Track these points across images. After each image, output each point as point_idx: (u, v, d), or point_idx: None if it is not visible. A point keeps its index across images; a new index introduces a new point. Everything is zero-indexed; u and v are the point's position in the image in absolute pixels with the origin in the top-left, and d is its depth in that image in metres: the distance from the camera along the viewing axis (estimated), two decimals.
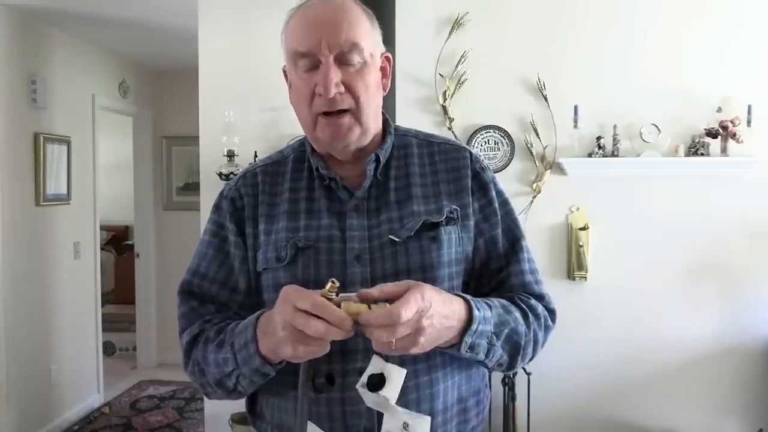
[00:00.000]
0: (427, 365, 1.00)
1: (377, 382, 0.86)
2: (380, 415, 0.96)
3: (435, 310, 0.86)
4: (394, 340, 0.83)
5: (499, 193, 1.12)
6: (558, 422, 2.90)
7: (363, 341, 0.91)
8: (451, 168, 1.10)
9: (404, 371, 0.87)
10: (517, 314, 1.02)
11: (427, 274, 1.00)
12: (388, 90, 1.10)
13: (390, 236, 1.01)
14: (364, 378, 0.87)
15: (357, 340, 0.85)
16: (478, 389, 1.09)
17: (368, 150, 1.07)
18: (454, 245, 1.04)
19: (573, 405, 2.90)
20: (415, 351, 0.86)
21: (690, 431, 2.85)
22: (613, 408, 2.89)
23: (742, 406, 2.84)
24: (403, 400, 0.97)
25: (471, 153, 1.13)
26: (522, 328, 1.01)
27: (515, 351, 1.01)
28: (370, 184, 1.06)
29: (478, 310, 0.93)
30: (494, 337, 0.96)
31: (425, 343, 0.86)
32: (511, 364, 1.03)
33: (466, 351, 0.93)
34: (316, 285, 0.97)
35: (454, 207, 1.05)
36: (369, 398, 0.87)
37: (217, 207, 1.13)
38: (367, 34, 1.02)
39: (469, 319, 0.91)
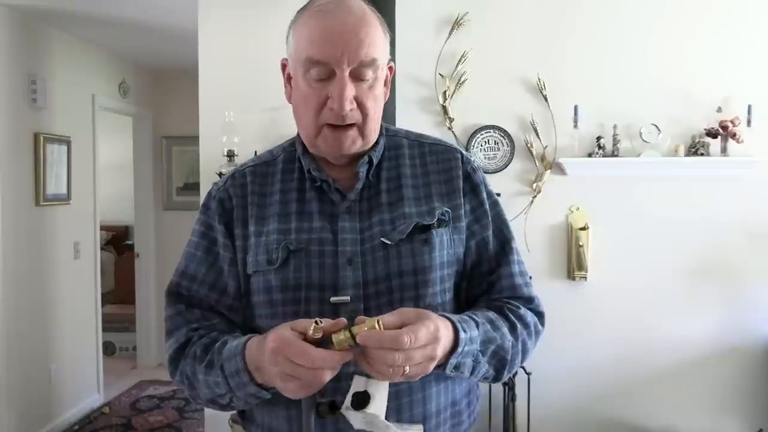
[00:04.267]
0: None
1: (362, 400, 0.85)
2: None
3: (444, 341, 0.86)
4: (408, 367, 0.82)
5: (490, 195, 1.11)
6: (558, 422, 2.90)
7: (356, 366, 0.88)
8: (443, 169, 1.08)
9: (387, 384, 0.86)
10: (505, 329, 1.00)
11: (419, 276, 0.99)
12: (387, 97, 1.08)
13: (382, 239, 1.00)
14: (348, 400, 0.86)
15: (349, 364, 0.85)
16: (470, 390, 1.09)
17: (360, 152, 1.06)
18: (446, 247, 1.03)
19: (573, 405, 2.90)
20: (417, 378, 0.87)
21: (690, 431, 2.85)
22: (613, 408, 2.89)
23: (742, 406, 2.84)
24: (395, 404, 0.96)
25: (462, 154, 1.11)
26: (509, 343, 1.00)
27: (501, 365, 1.00)
28: (362, 187, 1.04)
29: (464, 332, 0.91)
30: (480, 355, 0.96)
31: (429, 371, 0.87)
32: (498, 377, 1.02)
33: (451, 371, 0.92)
34: (308, 288, 0.98)
35: (446, 209, 1.04)
36: (356, 419, 0.86)
37: (205, 207, 1.10)
38: (383, 48, 1.00)
39: (455, 342, 0.90)
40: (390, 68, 1.07)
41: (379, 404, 0.85)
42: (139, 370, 5.14)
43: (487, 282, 1.07)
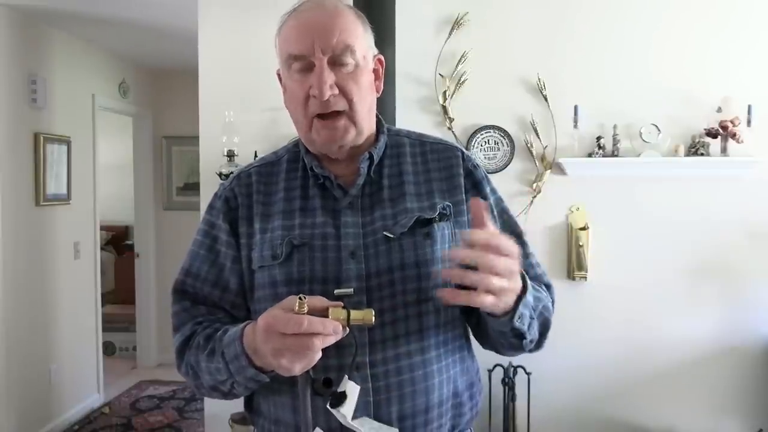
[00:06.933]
0: (422, 358, 1.01)
1: (339, 398, 0.90)
2: (376, 407, 0.98)
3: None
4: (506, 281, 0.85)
5: (493, 191, 1.15)
6: (558, 422, 2.90)
7: (356, 336, 0.94)
8: (444, 167, 1.12)
9: (358, 388, 0.93)
10: (544, 293, 1.06)
11: (421, 269, 1.02)
12: (381, 92, 1.12)
13: (384, 233, 1.03)
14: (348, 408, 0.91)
15: (348, 335, 0.88)
16: (472, 383, 1.11)
17: (362, 149, 1.09)
18: (448, 241, 1.05)
19: (573, 405, 2.90)
20: (507, 299, 0.89)
21: (690, 431, 2.85)
22: (613, 408, 2.89)
23: (742, 406, 2.84)
24: (398, 394, 0.99)
25: (463, 152, 1.15)
26: (550, 304, 1.05)
27: (545, 328, 1.04)
28: (364, 182, 1.07)
29: (525, 278, 0.94)
30: (533, 311, 0.98)
31: (514, 288, 0.89)
32: (540, 343, 1.04)
33: (517, 320, 0.94)
34: (311, 282, 1.01)
35: (447, 203, 1.07)
36: (338, 416, 0.92)
37: (211, 207, 1.14)
38: (359, 37, 1.04)
39: (523, 287, 0.93)
40: (380, 60, 1.11)
41: (350, 405, 0.91)
42: (139, 370, 5.14)
43: None
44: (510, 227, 1.13)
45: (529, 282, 0.95)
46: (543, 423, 2.88)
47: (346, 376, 0.92)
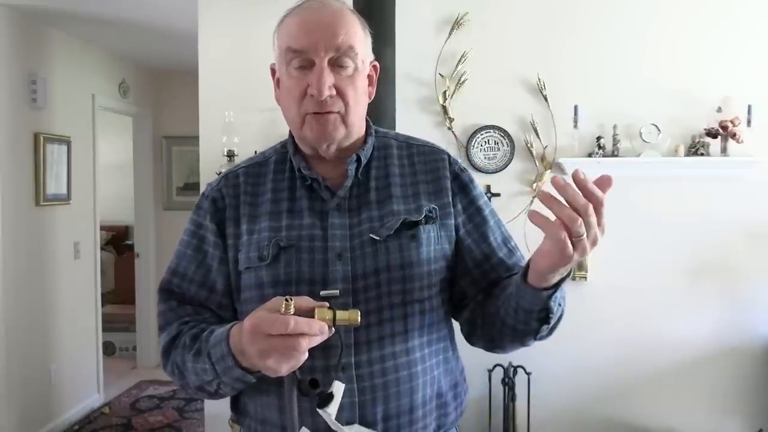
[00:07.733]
0: (407, 359, 1.03)
1: (326, 399, 0.91)
2: (362, 407, 0.99)
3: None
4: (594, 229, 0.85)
5: (481, 194, 1.15)
6: (558, 422, 2.90)
7: (342, 337, 0.96)
8: (430, 169, 1.12)
9: (343, 386, 0.93)
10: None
11: (406, 271, 1.03)
12: (372, 98, 1.12)
13: (370, 235, 1.04)
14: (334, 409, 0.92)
15: (334, 336, 0.88)
16: (456, 383, 1.12)
17: (350, 151, 1.09)
18: (433, 243, 1.06)
19: (573, 405, 2.90)
20: (584, 254, 0.88)
21: (690, 431, 2.85)
22: (613, 408, 2.89)
23: (742, 406, 2.84)
24: (384, 394, 1.00)
25: (449, 155, 1.16)
26: (564, 294, 1.01)
27: (558, 319, 1.01)
28: (351, 184, 1.08)
29: None
30: (561, 298, 0.99)
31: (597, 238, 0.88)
32: (551, 332, 1.03)
33: (553, 301, 0.94)
34: (298, 283, 1.01)
35: (433, 206, 1.08)
36: (324, 416, 0.93)
37: (198, 207, 1.14)
38: (360, 41, 1.05)
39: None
40: (374, 67, 1.11)
41: (334, 404, 0.91)
42: (139, 370, 5.14)
43: (505, 267, 1.10)
44: (500, 231, 1.14)
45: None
46: (543, 423, 2.88)
47: (334, 377, 0.93)
